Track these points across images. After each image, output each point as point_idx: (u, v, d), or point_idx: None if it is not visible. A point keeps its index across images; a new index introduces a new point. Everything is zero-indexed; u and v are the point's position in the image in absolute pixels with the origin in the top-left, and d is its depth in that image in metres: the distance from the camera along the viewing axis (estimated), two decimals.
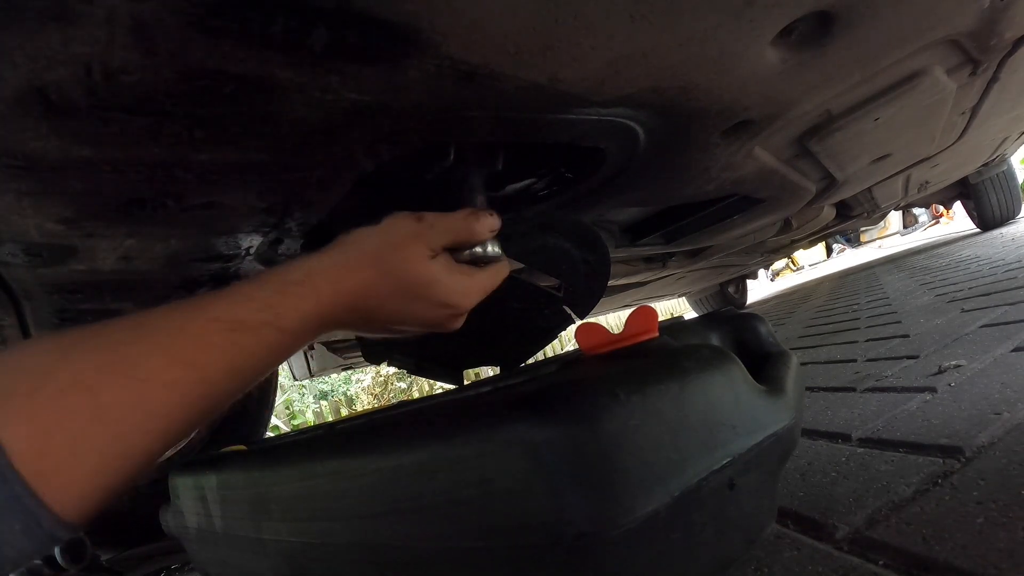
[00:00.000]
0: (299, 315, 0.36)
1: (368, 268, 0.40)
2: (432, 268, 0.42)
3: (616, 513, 0.28)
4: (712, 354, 0.38)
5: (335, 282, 0.38)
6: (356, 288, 0.39)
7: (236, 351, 0.32)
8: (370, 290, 0.40)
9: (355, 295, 0.39)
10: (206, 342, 0.31)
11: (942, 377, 0.73)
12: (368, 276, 0.40)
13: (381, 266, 0.40)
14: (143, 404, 0.27)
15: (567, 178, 0.74)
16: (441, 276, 0.42)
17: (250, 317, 0.33)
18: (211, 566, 0.61)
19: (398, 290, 0.41)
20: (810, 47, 0.52)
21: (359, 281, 0.39)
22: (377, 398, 6.46)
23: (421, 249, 0.42)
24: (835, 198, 1.39)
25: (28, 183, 0.41)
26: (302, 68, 0.35)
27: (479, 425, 0.32)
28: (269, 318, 0.34)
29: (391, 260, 0.41)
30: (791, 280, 7.37)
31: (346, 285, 0.39)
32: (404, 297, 0.42)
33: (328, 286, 0.38)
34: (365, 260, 0.40)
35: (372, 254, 0.40)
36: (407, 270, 0.41)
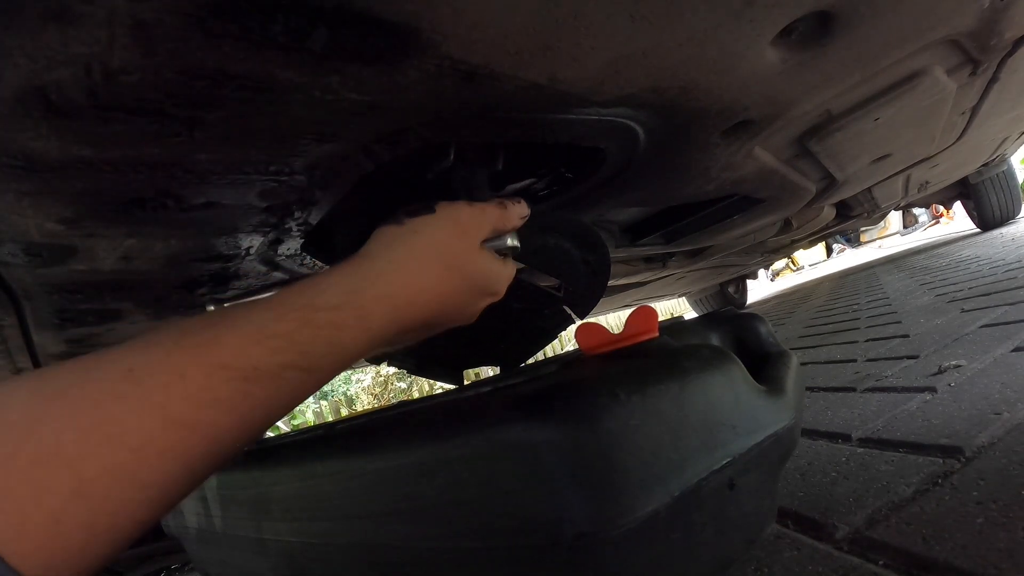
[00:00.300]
0: (336, 351, 0.29)
1: (433, 264, 0.34)
2: (488, 256, 0.39)
3: (616, 513, 0.28)
4: (712, 354, 0.38)
5: (390, 296, 0.31)
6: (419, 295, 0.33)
7: (249, 404, 0.26)
8: (436, 292, 0.34)
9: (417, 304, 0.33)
10: (211, 397, 0.25)
11: (942, 377, 0.73)
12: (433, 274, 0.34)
13: (448, 259, 0.35)
14: (133, 477, 0.23)
15: (567, 178, 0.74)
16: (493, 264, 0.39)
17: (268, 360, 0.26)
18: (211, 566, 0.61)
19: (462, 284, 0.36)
20: (810, 47, 0.52)
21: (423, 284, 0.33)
22: (377, 398, 6.46)
23: (478, 235, 0.38)
24: (835, 198, 1.39)
25: (28, 183, 0.41)
26: (302, 68, 0.35)
27: (479, 425, 0.32)
28: (293, 359, 0.27)
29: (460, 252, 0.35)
30: (791, 280, 7.37)
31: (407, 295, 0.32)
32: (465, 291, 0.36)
33: (380, 303, 0.31)
34: (429, 255, 0.34)
35: (437, 247, 0.34)
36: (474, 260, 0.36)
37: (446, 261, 0.35)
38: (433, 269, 0.34)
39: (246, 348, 0.26)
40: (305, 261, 0.73)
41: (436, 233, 0.35)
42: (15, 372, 0.86)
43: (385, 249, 0.34)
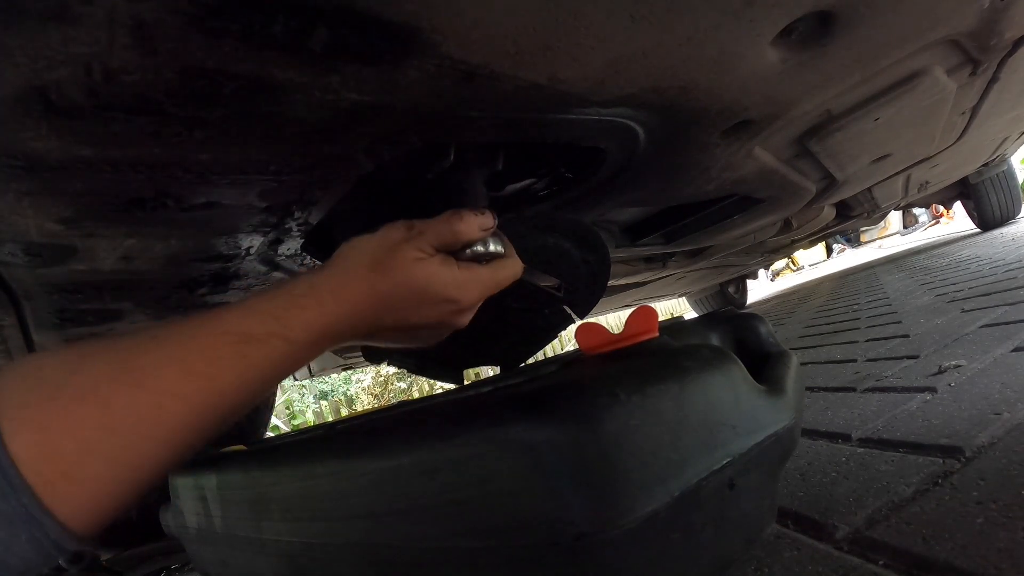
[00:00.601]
0: (305, 326, 0.37)
1: (366, 273, 0.41)
2: (427, 266, 0.43)
3: (616, 513, 0.28)
4: (712, 354, 0.38)
5: (336, 291, 0.39)
6: (357, 296, 0.40)
7: (246, 363, 0.33)
8: (371, 296, 0.41)
9: (357, 303, 0.40)
10: (216, 354, 0.31)
11: (942, 377, 0.73)
12: (367, 282, 0.41)
13: (378, 270, 0.42)
14: (154, 415, 0.28)
15: (567, 178, 0.74)
16: (436, 272, 0.43)
17: (258, 329, 0.34)
18: (211, 566, 0.61)
19: (398, 293, 0.42)
20: (810, 47, 0.52)
21: (359, 288, 0.41)
22: (377, 398, 6.46)
23: (413, 251, 0.43)
24: (835, 198, 1.39)
25: (28, 183, 0.41)
26: (302, 68, 0.35)
27: (479, 425, 0.32)
28: (277, 329, 0.35)
29: (387, 262, 0.42)
30: (791, 280, 7.37)
31: (347, 294, 0.40)
32: (405, 299, 0.43)
33: (330, 296, 0.39)
34: (363, 267, 0.41)
35: (369, 260, 0.42)
36: (404, 270, 0.42)
37: (374, 269, 0.42)
38: (363, 275, 0.41)
39: (242, 319, 0.34)
40: (305, 261, 0.73)
41: (367, 248, 0.42)
42: None
43: (338, 258, 0.42)
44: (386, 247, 0.42)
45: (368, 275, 0.41)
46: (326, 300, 0.39)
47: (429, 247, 0.44)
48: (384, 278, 0.42)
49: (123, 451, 0.26)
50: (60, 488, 0.24)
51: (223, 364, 0.31)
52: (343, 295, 0.40)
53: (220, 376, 0.31)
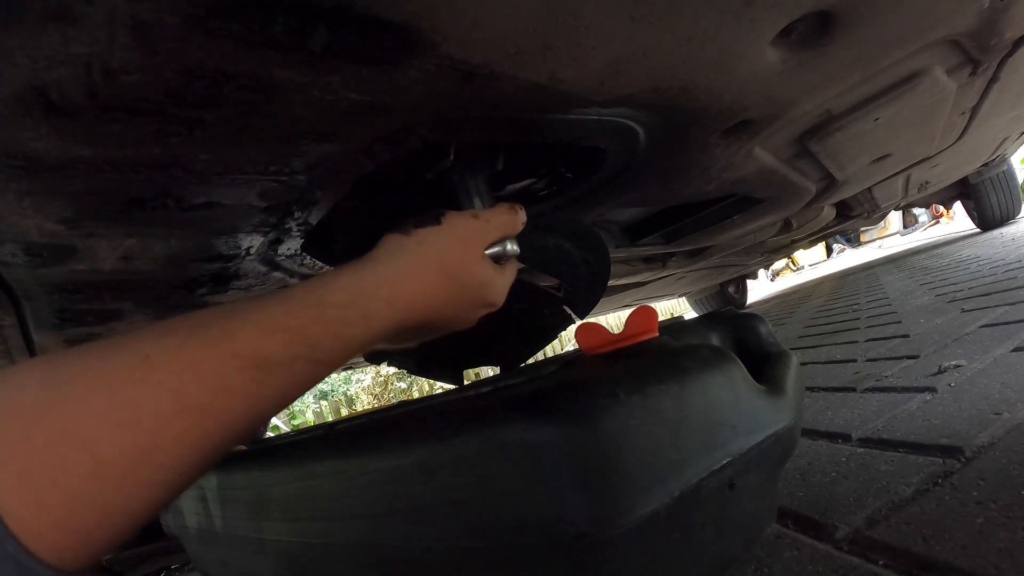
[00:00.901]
0: (341, 345, 0.31)
1: (436, 276, 0.36)
2: (487, 268, 0.40)
3: (616, 513, 0.28)
4: (712, 354, 0.38)
5: (394, 300, 0.34)
6: (418, 301, 0.35)
7: (259, 391, 0.27)
8: (433, 299, 0.36)
9: (416, 309, 0.35)
10: (224, 384, 0.26)
11: (942, 377, 0.73)
12: (433, 283, 0.36)
13: (452, 271, 0.37)
14: (149, 458, 0.24)
15: (567, 178, 0.74)
16: (491, 275, 0.41)
17: (280, 352, 0.28)
18: (211, 566, 0.61)
19: (460, 293, 0.38)
20: (810, 47, 0.52)
21: (423, 292, 0.35)
22: (377, 398, 6.46)
23: (480, 246, 0.39)
24: (835, 198, 1.39)
25: (28, 183, 0.41)
26: (302, 68, 0.35)
27: (479, 425, 0.32)
28: (303, 351, 0.29)
29: (462, 263, 0.37)
30: (791, 280, 7.37)
31: (407, 301, 0.34)
32: (462, 300, 0.38)
33: (383, 306, 0.33)
34: (434, 266, 0.36)
35: (442, 258, 0.36)
36: (474, 271, 0.38)
37: (446, 272, 0.37)
38: (433, 279, 0.36)
39: (259, 339, 0.28)
40: (305, 261, 0.73)
41: (439, 245, 0.37)
42: None
43: (391, 256, 0.36)
44: (462, 243, 0.37)
45: (438, 276, 0.36)
46: (376, 312, 0.32)
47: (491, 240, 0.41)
48: (455, 281, 0.37)
49: (116, 497, 0.23)
50: (50, 539, 0.21)
51: (232, 395, 0.26)
52: (401, 302, 0.34)
53: (228, 410, 0.26)
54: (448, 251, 0.37)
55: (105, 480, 0.23)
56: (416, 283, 0.35)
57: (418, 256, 0.36)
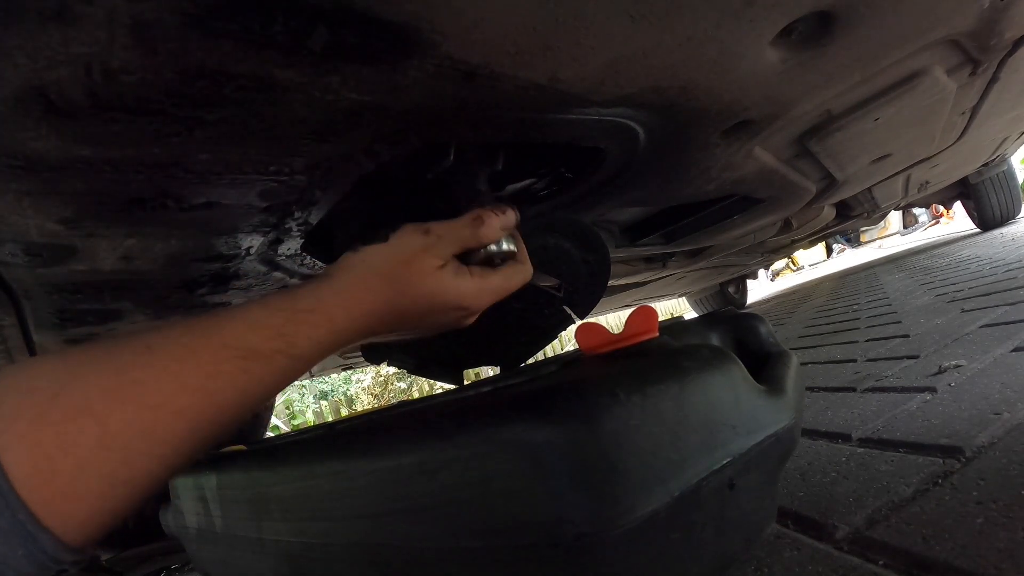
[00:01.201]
0: (311, 342, 0.35)
1: (380, 288, 0.40)
2: (443, 277, 0.42)
3: (616, 513, 0.28)
4: (712, 354, 0.38)
5: (347, 308, 0.38)
6: (370, 310, 0.39)
7: (247, 378, 0.32)
8: (384, 309, 0.40)
9: (369, 316, 0.39)
10: (217, 369, 0.30)
11: (942, 377, 0.73)
12: (381, 296, 0.39)
13: (394, 285, 0.40)
14: (151, 431, 0.27)
15: (567, 178, 0.74)
16: (452, 283, 0.42)
17: (263, 345, 0.33)
18: (211, 566, 0.61)
19: (412, 304, 0.41)
20: (810, 47, 0.52)
21: (372, 303, 0.39)
22: (377, 398, 6.46)
23: (431, 261, 0.41)
24: (835, 198, 1.39)
25: (28, 183, 0.41)
26: (302, 68, 0.35)
27: (479, 425, 0.32)
28: (282, 346, 0.34)
29: (403, 277, 0.40)
30: (791, 280, 7.37)
31: (359, 309, 0.38)
32: (418, 310, 0.41)
33: (340, 311, 0.37)
34: (376, 280, 0.40)
35: (383, 273, 0.40)
36: (420, 284, 0.41)
37: (391, 283, 0.40)
38: (377, 289, 0.40)
39: (245, 333, 0.33)
40: (305, 261, 0.73)
41: (381, 261, 0.41)
42: None
43: (342, 272, 0.40)
44: (402, 259, 0.41)
45: (383, 289, 0.39)
46: (336, 316, 0.37)
47: (447, 255, 0.42)
48: (400, 293, 0.40)
49: (120, 467, 0.26)
50: (57, 506, 0.24)
51: (224, 379, 0.30)
52: (355, 310, 0.38)
53: (220, 391, 0.30)
54: (390, 266, 0.40)
55: (111, 450, 0.25)
56: (363, 294, 0.39)
57: (363, 271, 0.40)
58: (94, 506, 0.25)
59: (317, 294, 0.37)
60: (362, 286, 0.39)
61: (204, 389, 0.29)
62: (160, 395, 0.28)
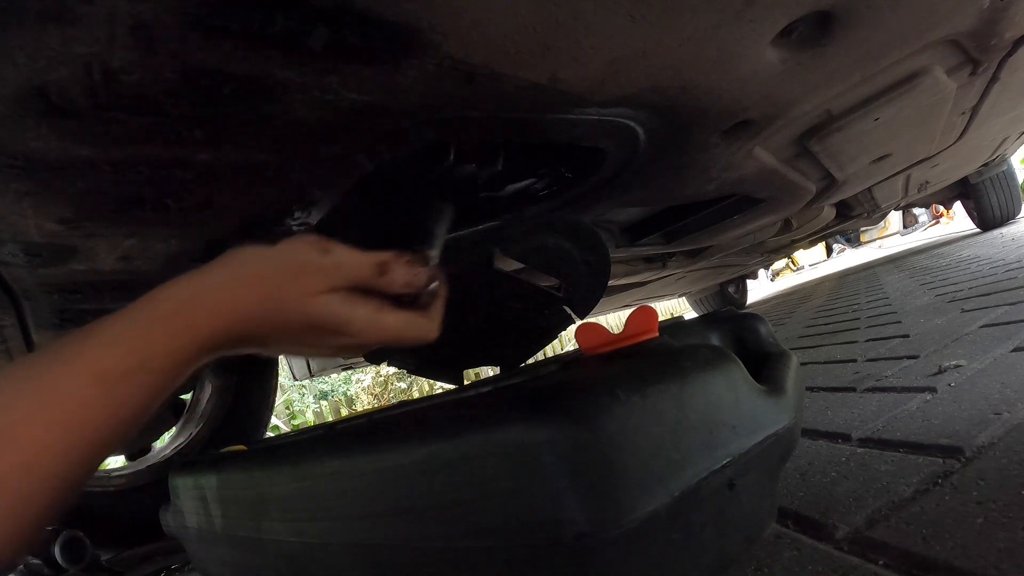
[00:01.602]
0: (170, 354, 0.32)
1: (255, 296, 0.35)
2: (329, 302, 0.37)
3: (616, 513, 0.28)
4: (712, 354, 0.38)
5: (211, 313, 0.34)
6: (238, 318, 0.35)
7: (111, 401, 0.30)
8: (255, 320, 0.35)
9: (236, 324, 0.35)
10: (79, 399, 0.29)
11: (942, 377, 0.73)
12: (254, 305, 0.35)
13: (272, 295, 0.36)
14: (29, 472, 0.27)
15: (567, 178, 0.74)
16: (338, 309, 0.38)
17: (117, 365, 0.31)
18: (211, 566, 0.61)
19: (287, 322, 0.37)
20: (810, 47, 0.52)
21: (242, 310, 0.35)
22: (377, 398, 6.46)
23: (317, 283, 0.37)
24: (835, 198, 1.39)
25: (28, 183, 0.41)
26: (302, 68, 0.35)
27: (479, 425, 0.32)
28: (137, 362, 0.31)
29: (284, 290, 0.36)
30: (791, 280, 7.37)
31: (226, 315, 0.34)
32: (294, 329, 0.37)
33: (205, 318, 0.34)
34: (248, 284, 0.35)
35: (257, 279, 0.36)
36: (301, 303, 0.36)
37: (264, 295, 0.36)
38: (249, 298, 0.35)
39: (99, 354, 0.31)
40: None
41: (263, 267, 0.36)
42: None
43: (221, 268, 0.36)
44: (289, 271, 0.36)
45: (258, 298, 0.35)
46: (198, 320, 0.33)
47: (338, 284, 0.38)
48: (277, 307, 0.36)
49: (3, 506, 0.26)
50: None
51: (89, 409, 0.29)
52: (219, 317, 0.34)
53: (88, 421, 0.29)
54: (268, 274, 0.36)
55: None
56: (234, 298, 0.35)
57: (241, 273, 0.36)
58: None
59: (183, 293, 0.34)
60: (234, 289, 0.35)
61: (71, 422, 0.29)
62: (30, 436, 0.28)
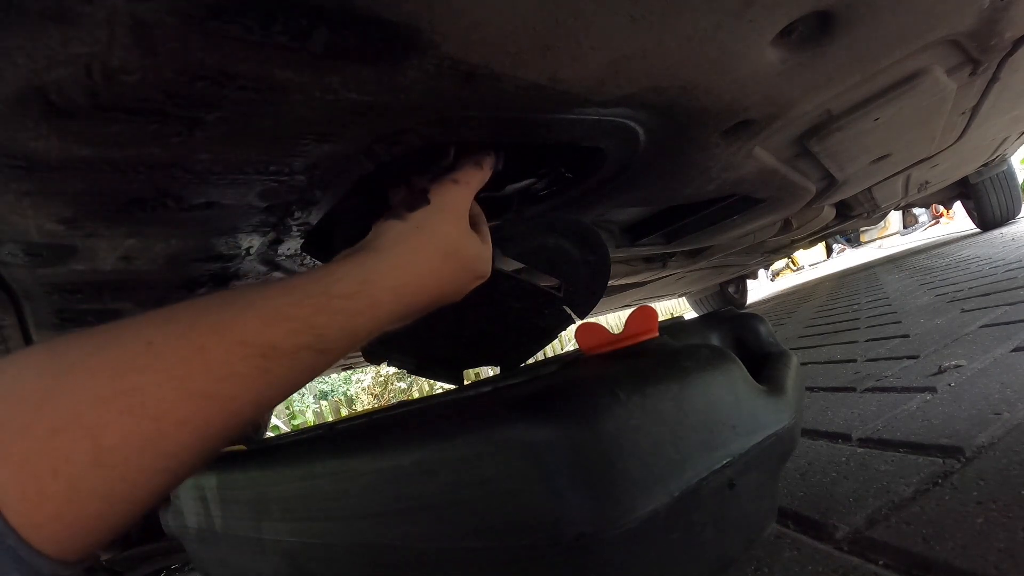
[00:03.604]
0: (347, 335, 0.30)
1: (437, 257, 0.35)
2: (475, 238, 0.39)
3: (616, 513, 0.28)
4: (712, 354, 0.38)
5: (397, 288, 0.33)
6: (423, 286, 0.35)
7: (265, 380, 0.27)
8: (438, 281, 0.36)
9: (419, 295, 0.35)
10: (229, 371, 0.26)
11: (942, 377, 0.73)
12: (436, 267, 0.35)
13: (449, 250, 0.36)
14: (153, 445, 0.23)
15: (567, 178, 0.74)
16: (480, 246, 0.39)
17: (286, 341, 0.28)
18: (211, 566, 0.61)
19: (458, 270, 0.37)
20: (810, 47, 0.52)
21: (427, 276, 0.35)
22: (377, 398, 6.46)
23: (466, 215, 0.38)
24: (835, 198, 1.38)
25: (28, 183, 0.41)
26: (302, 68, 0.35)
27: (479, 425, 0.32)
28: (309, 340, 0.29)
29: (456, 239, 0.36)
30: (791, 280, 7.37)
31: (413, 287, 0.34)
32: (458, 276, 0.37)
33: (389, 294, 0.33)
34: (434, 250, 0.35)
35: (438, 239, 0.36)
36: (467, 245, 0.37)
37: (447, 252, 0.36)
38: (436, 262, 0.36)
39: (264, 328, 0.27)
40: (305, 261, 0.73)
41: (435, 225, 0.37)
42: None
43: (392, 244, 0.35)
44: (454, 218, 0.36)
45: (440, 261, 0.35)
46: (382, 300, 0.32)
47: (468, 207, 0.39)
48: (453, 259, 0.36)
49: (118, 485, 0.23)
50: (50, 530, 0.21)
51: (237, 382, 0.26)
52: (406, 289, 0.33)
53: (233, 396, 0.26)
54: (445, 229, 0.37)
55: (108, 468, 0.22)
56: (420, 268, 0.35)
57: (419, 241, 0.36)
58: (91, 526, 0.22)
59: (360, 275, 0.32)
60: (420, 259, 0.35)
61: (214, 395, 0.25)
62: (162, 404, 0.24)
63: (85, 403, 0.22)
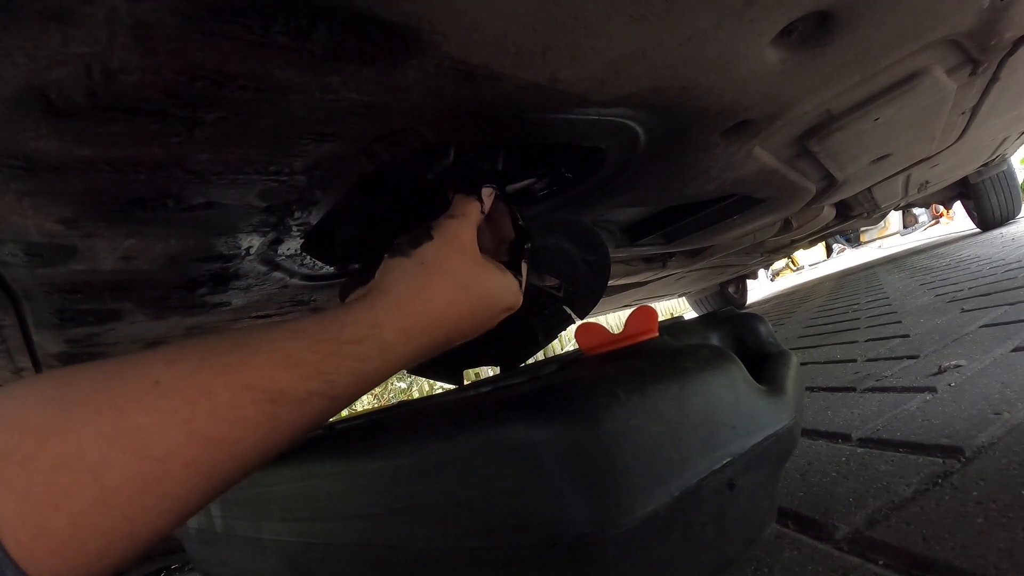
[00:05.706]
0: (358, 380, 0.30)
1: (447, 291, 0.34)
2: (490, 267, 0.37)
3: (616, 513, 0.28)
4: (712, 354, 0.38)
5: (407, 329, 0.32)
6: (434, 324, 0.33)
7: (273, 425, 0.27)
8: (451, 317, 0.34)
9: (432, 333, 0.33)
10: (237, 415, 0.25)
11: (942, 377, 0.73)
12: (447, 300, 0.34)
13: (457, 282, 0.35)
14: (156, 486, 0.23)
15: (567, 178, 0.74)
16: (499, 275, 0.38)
17: (295, 387, 0.27)
18: (211, 566, 0.61)
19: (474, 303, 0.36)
20: (810, 47, 0.52)
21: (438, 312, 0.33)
22: (377, 398, 6.46)
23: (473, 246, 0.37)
24: (835, 198, 1.39)
25: (28, 183, 0.41)
26: (302, 68, 0.35)
27: (479, 425, 0.32)
28: (320, 387, 0.28)
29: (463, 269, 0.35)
30: (791, 280, 7.37)
31: (422, 326, 0.33)
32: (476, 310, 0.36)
33: (400, 336, 0.32)
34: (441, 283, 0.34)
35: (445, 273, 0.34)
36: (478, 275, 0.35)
37: (456, 284, 0.35)
38: (446, 295, 0.35)
39: (274, 372, 0.27)
40: (305, 261, 0.73)
41: (440, 259, 0.36)
42: (15, 372, 0.86)
43: (396, 283, 0.35)
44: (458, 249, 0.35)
45: (450, 294, 0.34)
46: (392, 343, 0.31)
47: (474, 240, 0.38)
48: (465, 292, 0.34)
49: (122, 523, 0.22)
50: (49, 564, 0.21)
51: (244, 427, 0.26)
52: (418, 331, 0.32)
53: (240, 441, 0.25)
54: (451, 262, 0.35)
55: (110, 507, 0.22)
56: (429, 305, 0.34)
57: (424, 276, 0.35)
58: (90, 564, 0.22)
59: (368, 318, 0.32)
60: (428, 295, 0.34)
61: (220, 439, 0.25)
62: (167, 445, 0.23)
63: (89, 439, 0.22)
